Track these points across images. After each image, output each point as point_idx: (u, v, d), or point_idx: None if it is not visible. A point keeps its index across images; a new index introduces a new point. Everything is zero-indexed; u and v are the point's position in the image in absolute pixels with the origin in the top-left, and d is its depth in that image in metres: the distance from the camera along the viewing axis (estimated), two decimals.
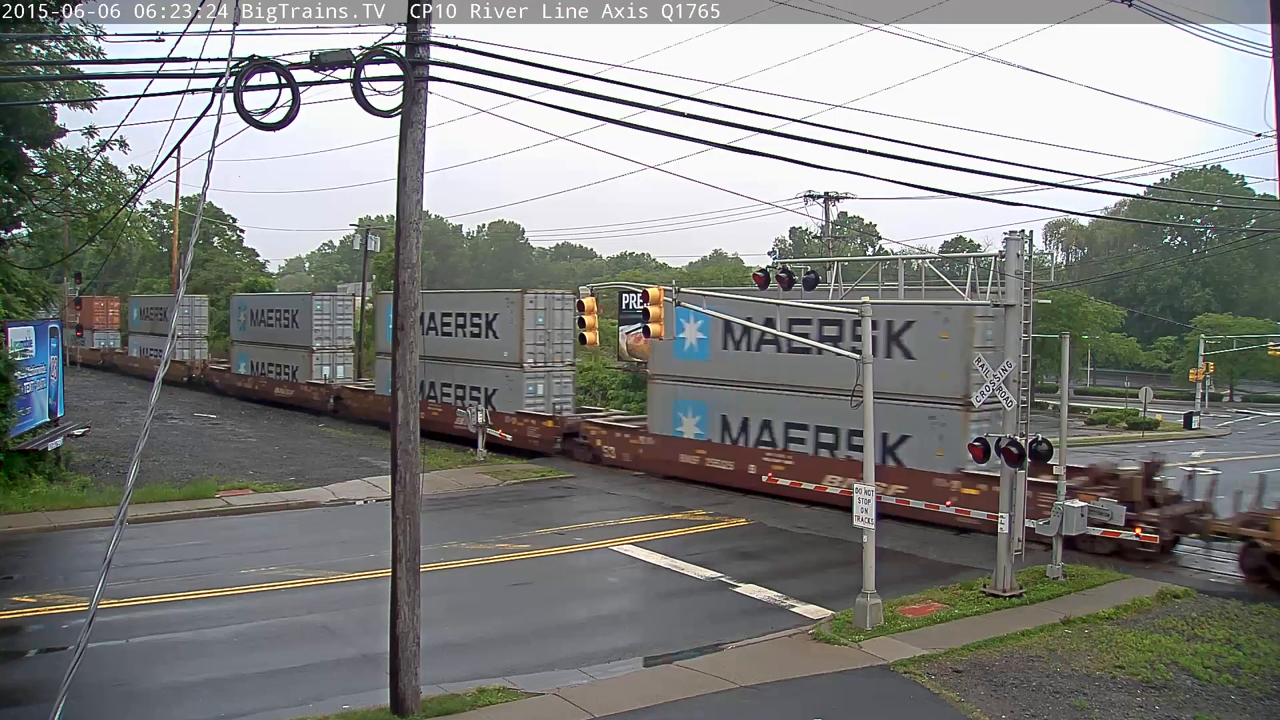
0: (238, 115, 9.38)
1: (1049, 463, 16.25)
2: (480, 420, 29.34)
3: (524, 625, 14.44)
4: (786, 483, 22.93)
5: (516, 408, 30.24)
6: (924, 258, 19.41)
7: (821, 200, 39.84)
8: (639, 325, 19.96)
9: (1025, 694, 11.43)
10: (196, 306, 54.81)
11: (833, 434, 22.47)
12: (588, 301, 17.18)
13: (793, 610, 15.12)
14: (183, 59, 9.97)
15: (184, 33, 10.65)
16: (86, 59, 24.41)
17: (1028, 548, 16.05)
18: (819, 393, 22.22)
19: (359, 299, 50.01)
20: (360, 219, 68.35)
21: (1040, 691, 11.49)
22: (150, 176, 30.96)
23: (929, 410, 20.53)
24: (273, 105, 9.62)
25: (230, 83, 8.96)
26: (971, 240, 74.87)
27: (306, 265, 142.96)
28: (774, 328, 20.32)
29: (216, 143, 8.03)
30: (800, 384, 22.99)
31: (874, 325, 17.48)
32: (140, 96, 14.18)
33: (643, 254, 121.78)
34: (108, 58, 24.61)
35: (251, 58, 9.41)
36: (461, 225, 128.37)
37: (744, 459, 24.12)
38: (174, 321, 8.38)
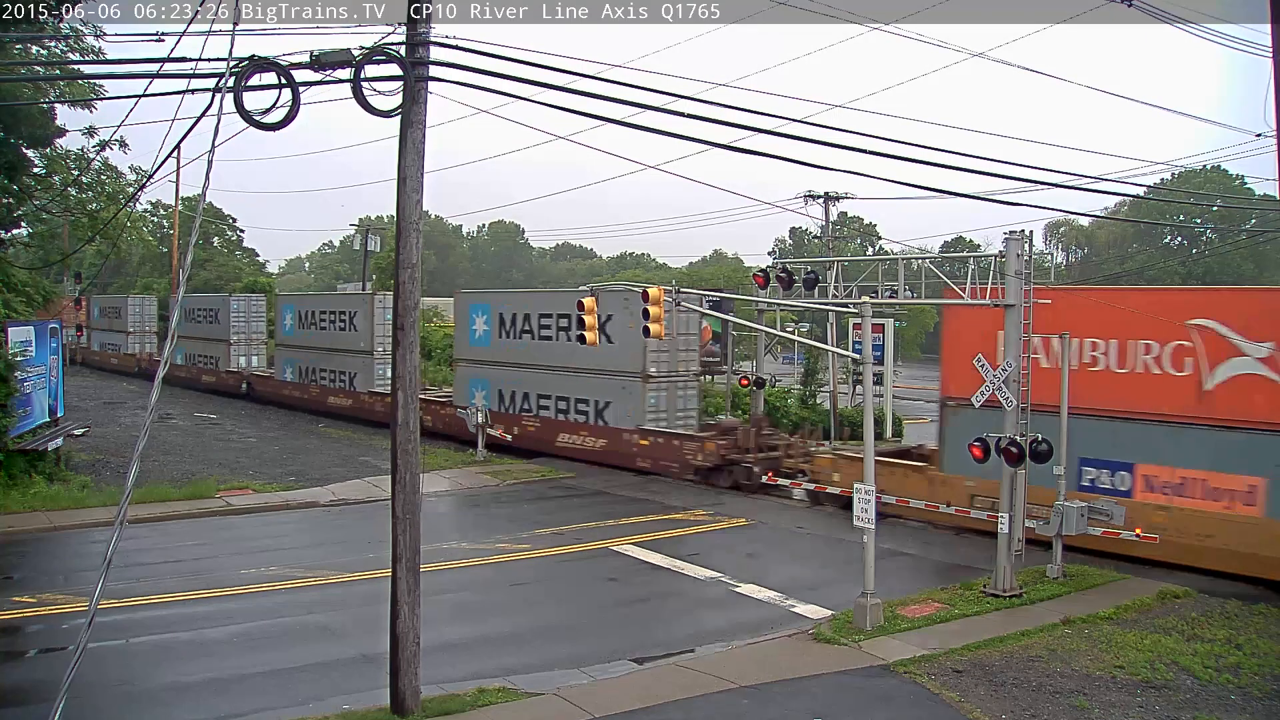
0: (238, 115, 9.38)
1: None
2: (480, 420, 29.35)
3: (524, 625, 14.45)
4: (536, 438, 29.97)
5: (369, 388, 37.19)
6: (924, 258, 19.45)
7: (821, 200, 39.78)
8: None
9: (1025, 694, 11.43)
10: (146, 305, 60.73)
11: (565, 402, 29.27)
12: (588, 302, 17.27)
13: (793, 610, 15.12)
14: (183, 59, 9.99)
15: (184, 33, 10.65)
16: (86, 59, 24.41)
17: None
18: (555, 370, 29.36)
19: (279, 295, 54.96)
20: (360, 219, 68.62)
21: (1040, 691, 11.49)
22: (150, 176, 30.95)
23: (621, 381, 27.03)
24: (273, 105, 9.63)
25: (230, 83, 8.95)
26: (971, 240, 74.81)
27: (306, 265, 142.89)
28: (529, 323, 28.55)
29: (216, 143, 8.03)
30: (543, 364, 29.87)
31: (608, 319, 24.49)
32: (140, 96, 14.17)
33: (643, 254, 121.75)
34: (108, 58, 24.58)
35: (251, 58, 9.41)
36: (461, 225, 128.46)
37: (509, 422, 30.53)
38: (174, 321, 8.26)
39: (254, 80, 9.47)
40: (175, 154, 24.98)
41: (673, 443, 25.91)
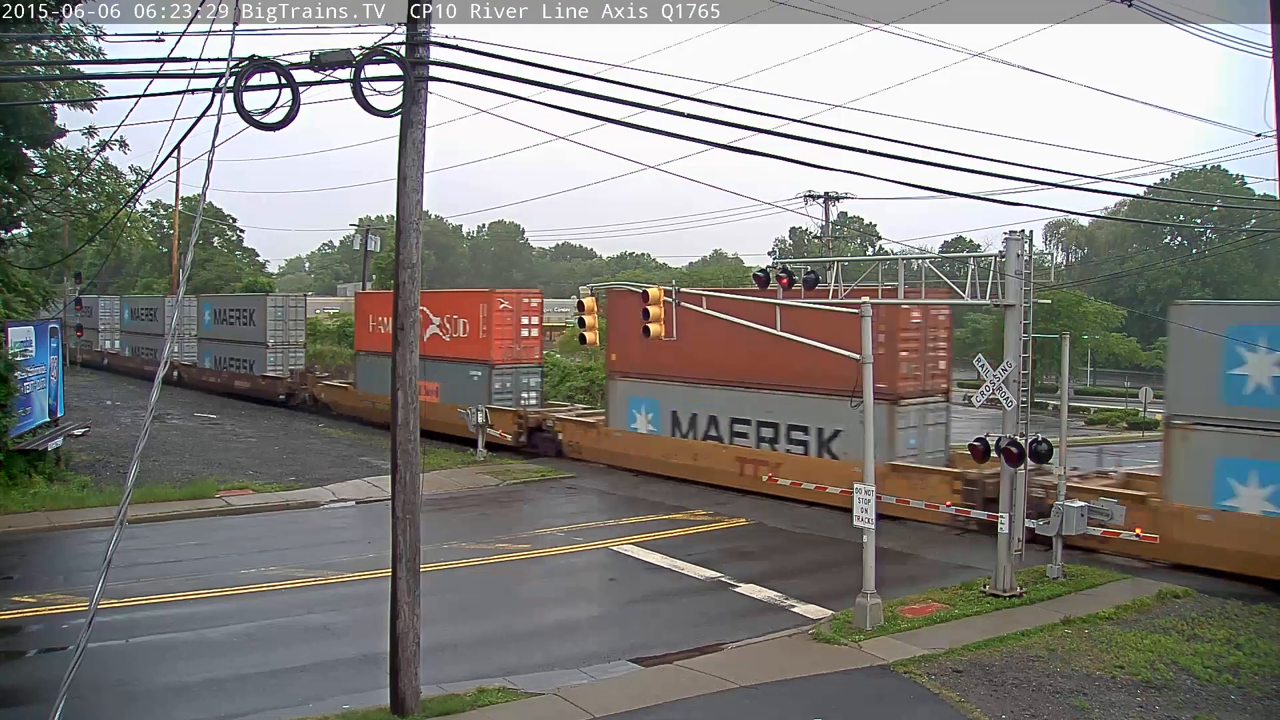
0: (238, 115, 9.39)
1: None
2: (480, 420, 29.37)
3: (524, 625, 14.45)
4: (226, 383, 47.97)
5: (173, 360, 50.52)
6: (924, 258, 19.45)
7: (821, 200, 39.79)
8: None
9: (1025, 694, 11.43)
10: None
11: (238, 362, 47.12)
12: (587, 302, 17.28)
13: (793, 610, 15.12)
14: (183, 59, 9.98)
15: (184, 33, 10.64)
16: (86, 59, 24.41)
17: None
18: (233, 343, 47.26)
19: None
20: (360, 219, 68.76)
21: (1040, 691, 11.50)
22: (150, 176, 30.98)
23: (258, 349, 44.82)
24: (273, 105, 9.63)
25: (230, 83, 8.96)
26: (971, 240, 74.89)
27: (306, 265, 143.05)
28: (226, 314, 48.17)
29: (216, 143, 8.03)
30: (230, 339, 47.73)
31: (251, 313, 45.90)
32: (140, 96, 14.17)
33: (643, 254, 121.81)
34: (108, 58, 24.59)
35: (251, 58, 9.41)
36: (461, 225, 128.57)
37: (221, 378, 48.42)
38: (174, 322, 8.32)
39: (254, 80, 9.47)
40: (175, 154, 24.93)
41: (274, 381, 43.92)
